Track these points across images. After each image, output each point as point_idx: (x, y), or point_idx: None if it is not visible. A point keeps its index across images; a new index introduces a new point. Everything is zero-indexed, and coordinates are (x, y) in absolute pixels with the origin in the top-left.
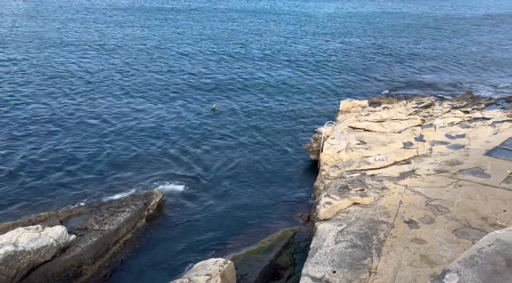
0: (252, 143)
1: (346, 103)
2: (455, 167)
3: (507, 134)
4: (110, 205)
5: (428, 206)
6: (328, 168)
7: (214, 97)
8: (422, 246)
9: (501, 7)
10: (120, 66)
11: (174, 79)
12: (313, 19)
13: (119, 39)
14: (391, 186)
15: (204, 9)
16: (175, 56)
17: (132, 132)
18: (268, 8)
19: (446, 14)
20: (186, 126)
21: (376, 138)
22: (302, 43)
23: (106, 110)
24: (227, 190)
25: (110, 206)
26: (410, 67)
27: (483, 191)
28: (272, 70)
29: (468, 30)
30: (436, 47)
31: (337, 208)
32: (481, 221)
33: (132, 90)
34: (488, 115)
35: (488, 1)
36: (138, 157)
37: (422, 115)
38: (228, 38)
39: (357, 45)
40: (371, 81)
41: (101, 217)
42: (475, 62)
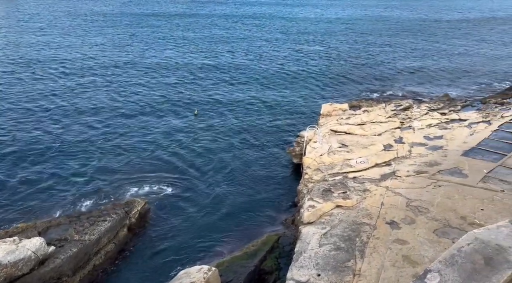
0: (234, 149)
1: (327, 106)
2: (434, 168)
3: (483, 135)
4: (90, 214)
5: (409, 207)
6: (311, 171)
7: (196, 102)
8: (404, 246)
9: (477, 11)
10: (98, 73)
11: (156, 85)
12: (295, 24)
13: (100, 46)
14: (373, 188)
15: (187, 15)
16: (156, 62)
17: (111, 140)
18: (250, 13)
19: (424, 18)
20: (168, 132)
21: (357, 141)
22: (284, 48)
23: (86, 118)
24: (209, 197)
25: (90, 215)
26: (389, 70)
27: (462, 191)
28: (253, 75)
29: (445, 33)
30: (414, 49)
31: (320, 211)
32: (460, 221)
33: (110, 97)
34: (464, 117)
35: (464, 5)
36: (119, 165)
37: (401, 117)
38: (210, 44)
39: (337, 49)
40: (351, 84)
41: (81, 227)
42: (452, 64)
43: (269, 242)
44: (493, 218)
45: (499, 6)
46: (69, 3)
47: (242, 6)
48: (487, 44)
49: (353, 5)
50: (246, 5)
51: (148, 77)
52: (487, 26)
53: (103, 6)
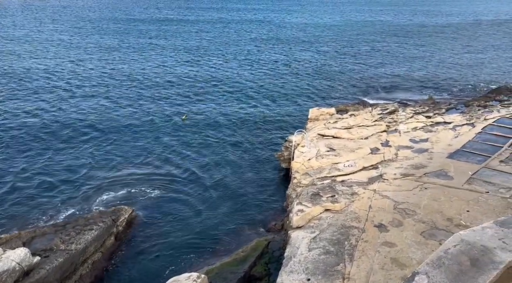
0: (222, 154)
1: (314, 111)
2: (420, 171)
3: (467, 137)
4: (77, 223)
5: (396, 210)
6: (300, 175)
7: (184, 107)
8: (392, 249)
9: (461, 16)
10: (85, 80)
11: (145, 90)
12: (282, 30)
13: (88, 52)
14: (361, 191)
15: (176, 20)
16: (145, 68)
17: (97, 147)
18: (239, 19)
19: (409, 23)
20: (156, 138)
21: (344, 144)
22: (271, 53)
23: (73, 125)
24: (198, 203)
25: (76, 224)
26: (375, 74)
27: (447, 193)
28: (241, 80)
29: (430, 38)
30: (399, 54)
31: (309, 216)
32: (447, 222)
33: (96, 103)
34: (449, 119)
35: (449, 10)
36: (106, 173)
37: (387, 121)
38: (198, 49)
39: (323, 54)
40: (337, 89)
41: (67, 236)
42: (436, 68)
43: (258, 248)
44: (478, 219)
45: (483, 11)
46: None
47: (230, 12)
48: (470, 48)
49: (340, 11)
50: (234, 11)
51: (135, 84)
52: (471, 31)
53: (89, 13)
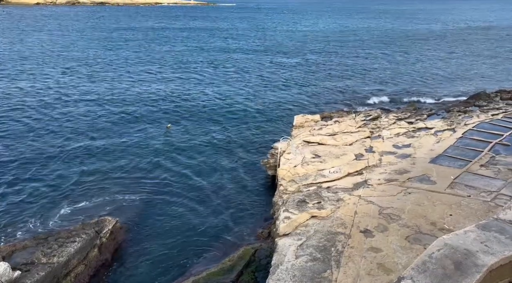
0: (208, 162)
1: (299, 118)
2: (404, 176)
3: (448, 142)
4: (59, 235)
5: (381, 215)
6: (286, 182)
7: (168, 116)
8: (378, 254)
9: (442, 24)
10: (68, 86)
11: (127, 100)
12: (268, 36)
13: (72, 59)
14: (346, 197)
15: (162, 29)
16: (127, 75)
17: (79, 158)
18: (225, 27)
19: (393, 29)
20: (140, 147)
21: (329, 151)
22: (256, 60)
23: (54, 135)
24: (183, 212)
25: (58, 236)
26: (358, 81)
27: (431, 197)
28: (226, 88)
29: (413, 45)
30: (382, 61)
31: (296, 222)
32: (431, 226)
33: (77, 113)
34: (431, 125)
35: (432, 18)
36: (89, 183)
37: (370, 127)
38: (184, 56)
39: (308, 61)
40: (322, 95)
41: (49, 249)
42: (417, 74)
43: (245, 256)
44: (461, 223)
45: (463, 19)
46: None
47: (217, 20)
48: (451, 55)
49: (324, 19)
50: (220, 20)
51: (117, 92)
52: (451, 38)
53: (74, 22)
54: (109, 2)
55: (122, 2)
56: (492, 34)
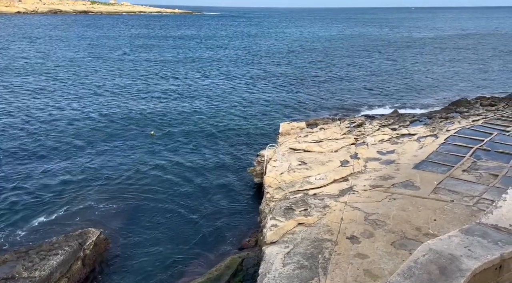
0: (194, 170)
1: (285, 125)
2: (388, 182)
3: (431, 148)
4: (40, 248)
5: (367, 221)
6: (272, 190)
7: (153, 122)
8: (364, 260)
9: (424, 32)
10: (50, 93)
11: (110, 108)
12: (254, 44)
13: (53, 68)
14: (332, 204)
15: (148, 37)
16: (111, 83)
17: (61, 164)
18: (211, 35)
19: (376, 37)
20: (123, 155)
21: (315, 158)
22: (242, 68)
23: (34, 143)
24: (169, 222)
25: (40, 249)
26: (343, 88)
27: (415, 203)
28: (211, 96)
29: (397, 52)
30: (366, 68)
31: (283, 230)
32: (416, 232)
33: (59, 119)
34: (413, 131)
35: (416, 26)
36: (71, 193)
37: (355, 134)
38: (171, 64)
39: (293, 69)
40: (307, 103)
41: (30, 263)
42: (401, 82)
43: (232, 265)
44: (445, 228)
45: (445, 27)
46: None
47: (202, 28)
48: (432, 62)
49: (312, 25)
50: (205, 28)
51: (103, 99)
52: (434, 45)
53: (59, 32)
54: (92, 11)
55: (105, 11)
56: (471, 42)
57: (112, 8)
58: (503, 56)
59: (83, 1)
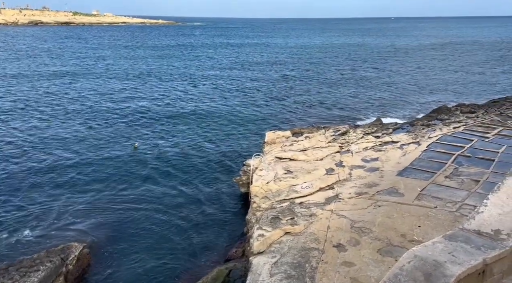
0: (179, 182)
1: (271, 134)
2: (373, 189)
3: (414, 155)
4: (21, 264)
5: (353, 229)
6: (259, 199)
7: (137, 134)
8: (351, 268)
9: (407, 40)
10: (35, 104)
11: (94, 119)
12: (240, 54)
13: (37, 79)
14: (319, 212)
15: (135, 47)
16: (94, 93)
17: (43, 177)
18: (197, 44)
19: (360, 46)
20: (106, 168)
21: (301, 166)
22: (227, 78)
23: (13, 155)
24: (154, 234)
25: (20, 266)
26: (327, 96)
27: (400, 210)
28: (195, 106)
29: (380, 61)
30: (351, 77)
31: (270, 240)
32: (401, 238)
33: (40, 131)
34: (396, 139)
35: (396, 35)
36: (52, 208)
37: (339, 142)
38: (153, 74)
39: (278, 78)
40: (292, 112)
41: (10, 280)
42: (384, 90)
43: (219, 277)
44: (429, 234)
45: (428, 35)
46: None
47: (187, 38)
48: (413, 70)
49: (297, 36)
50: (190, 37)
51: (86, 111)
52: (416, 54)
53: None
54: (74, 22)
55: (87, 22)
56: (452, 50)
57: (94, 19)
58: (481, 64)
59: (64, 12)
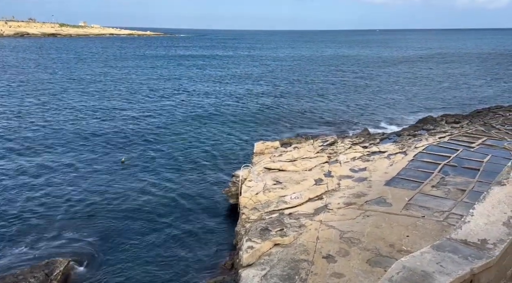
0: (167, 193)
1: (259, 145)
2: (361, 199)
3: (401, 165)
4: (3, 281)
5: (342, 239)
6: (248, 211)
7: (125, 147)
8: (340, 280)
9: (393, 51)
10: (21, 115)
11: (81, 132)
12: (227, 65)
13: (25, 92)
14: (308, 223)
15: (123, 58)
16: (81, 106)
17: (25, 190)
18: (185, 55)
19: (348, 57)
20: (92, 182)
21: (290, 177)
22: (215, 89)
23: (9, 165)
24: (141, 247)
25: (3, 282)
26: (315, 107)
27: (388, 219)
28: (183, 117)
29: (366, 71)
30: (334, 87)
31: (259, 252)
32: (390, 249)
33: (27, 144)
34: (384, 149)
35: (383, 46)
36: (37, 222)
37: (328, 152)
38: (142, 84)
39: (266, 89)
40: (280, 122)
41: None
42: (369, 101)
43: None
44: (417, 243)
45: (416, 46)
46: None
47: (178, 49)
48: (399, 80)
49: (286, 47)
50: (181, 49)
51: (73, 123)
52: (401, 64)
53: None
54: (61, 33)
55: (74, 34)
56: (436, 62)
57: (81, 31)
58: (464, 75)
59: (51, 23)
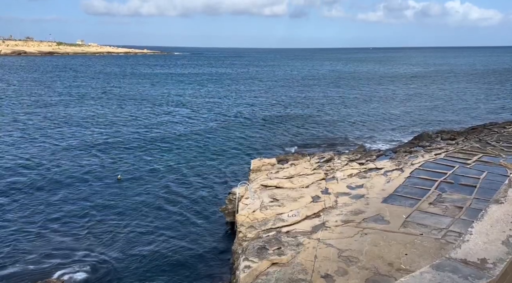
0: (163, 212)
1: (256, 162)
2: (359, 216)
3: (398, 182)
4: None
5: (340, 258)
6: (245, 229)
7: (121, 163)
8: None
9: (386, 69)
10: (17, 140)
11: (75, 149)
12: (219, 82)
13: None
14: (306, 241)
15: (117, 74)
16: (74, 124)
17: (19, 210)
18: (180, 72)
19: (341, 74)
20: (88, 200)
21: (287, 194)
22: (209, 107)
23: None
24: (136, 266)
25: None
26: (310, 123)
27: (386, 237)
28: (179, 135)
29: (360, 87)
30: (329, 104)
31: (256, 271)
32: (388, 267)
33: (19, 162)
34: (380, 165)
35: (376, 62)
36: (30, 244)
37: (324, 169)
38: (135, 101)
39: (261, 106)
40: (277, 139)
41: None
42: (364, 116)
43: None
44: (416, 262)
45: (411, 62)
46: None
47: (172, 67)
48: (394, 97)
49: (284, 65)
50: (175, 67)
51: (68, 140)
52: (395, 81)
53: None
54: (58, 52)
55: (72, 52)
56: (430, 79)
57: (79, 49)
58: (460, 92)
59: (48, 42)
